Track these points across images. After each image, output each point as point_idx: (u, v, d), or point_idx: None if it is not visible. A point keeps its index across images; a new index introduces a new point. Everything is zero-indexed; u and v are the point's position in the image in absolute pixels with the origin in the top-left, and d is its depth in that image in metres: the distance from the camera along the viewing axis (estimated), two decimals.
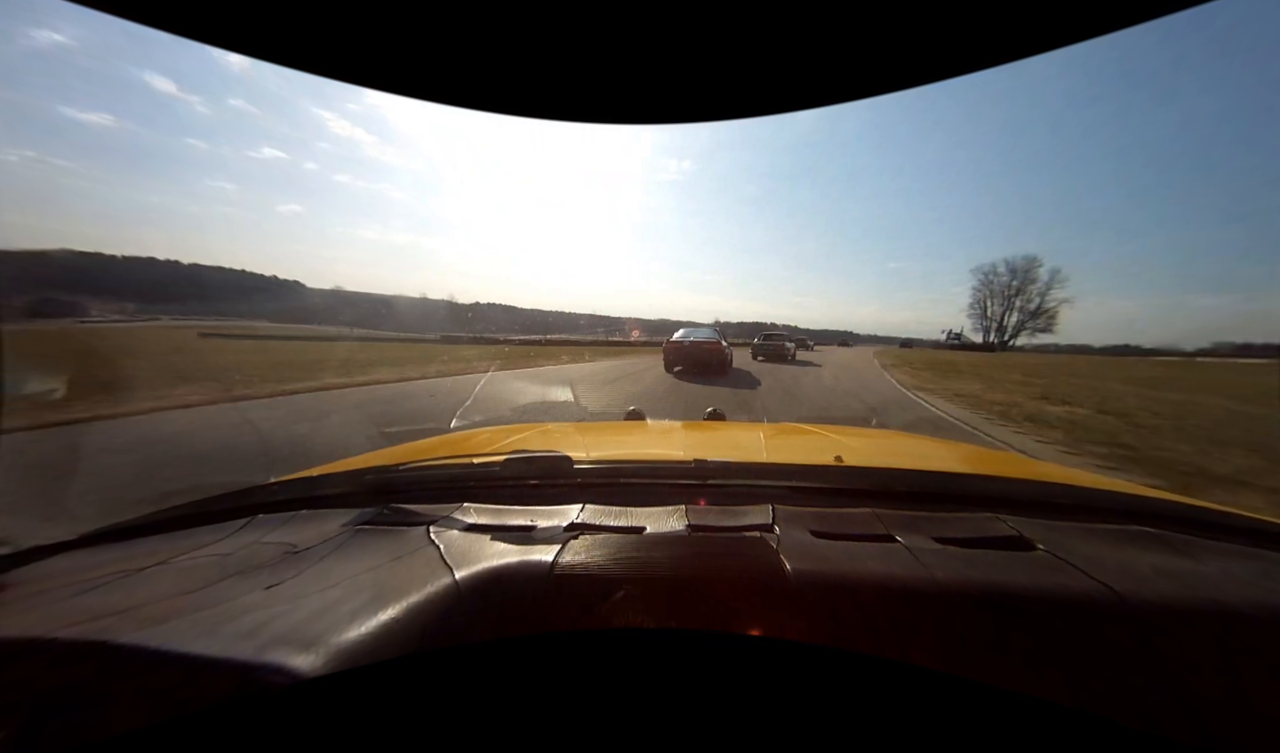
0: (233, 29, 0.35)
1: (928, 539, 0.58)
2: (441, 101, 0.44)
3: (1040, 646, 0.41)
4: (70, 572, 0.57)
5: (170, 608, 0.46)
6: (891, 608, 0.45)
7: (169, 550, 0.61)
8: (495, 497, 0.76)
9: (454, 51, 0.40)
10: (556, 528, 0.60)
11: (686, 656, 0.43)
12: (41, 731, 0.35)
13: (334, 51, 0.39)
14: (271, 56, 0.38)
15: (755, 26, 0.37)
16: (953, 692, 0.39)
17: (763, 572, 0.50)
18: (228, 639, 0.41)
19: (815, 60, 0.41)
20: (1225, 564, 0.56)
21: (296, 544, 0.61)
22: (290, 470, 0.94)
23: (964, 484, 0.84)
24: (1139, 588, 0.46)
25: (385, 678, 0.41)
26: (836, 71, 0.42)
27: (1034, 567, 0.52)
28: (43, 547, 0.63)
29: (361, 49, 0.39)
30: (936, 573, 0.49)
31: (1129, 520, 0.67)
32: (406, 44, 0.39)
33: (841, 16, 0.36)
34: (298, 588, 0.50)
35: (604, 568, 0.51)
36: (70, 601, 0.48)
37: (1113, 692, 0.37)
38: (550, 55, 0.40)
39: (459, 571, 0.51)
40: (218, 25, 0.35)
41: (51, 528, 0.66)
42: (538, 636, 0.44)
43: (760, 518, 0.63)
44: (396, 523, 0.66)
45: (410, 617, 0.45)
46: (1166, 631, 0.42)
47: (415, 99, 0.43)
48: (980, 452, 1.91)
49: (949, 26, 0.37)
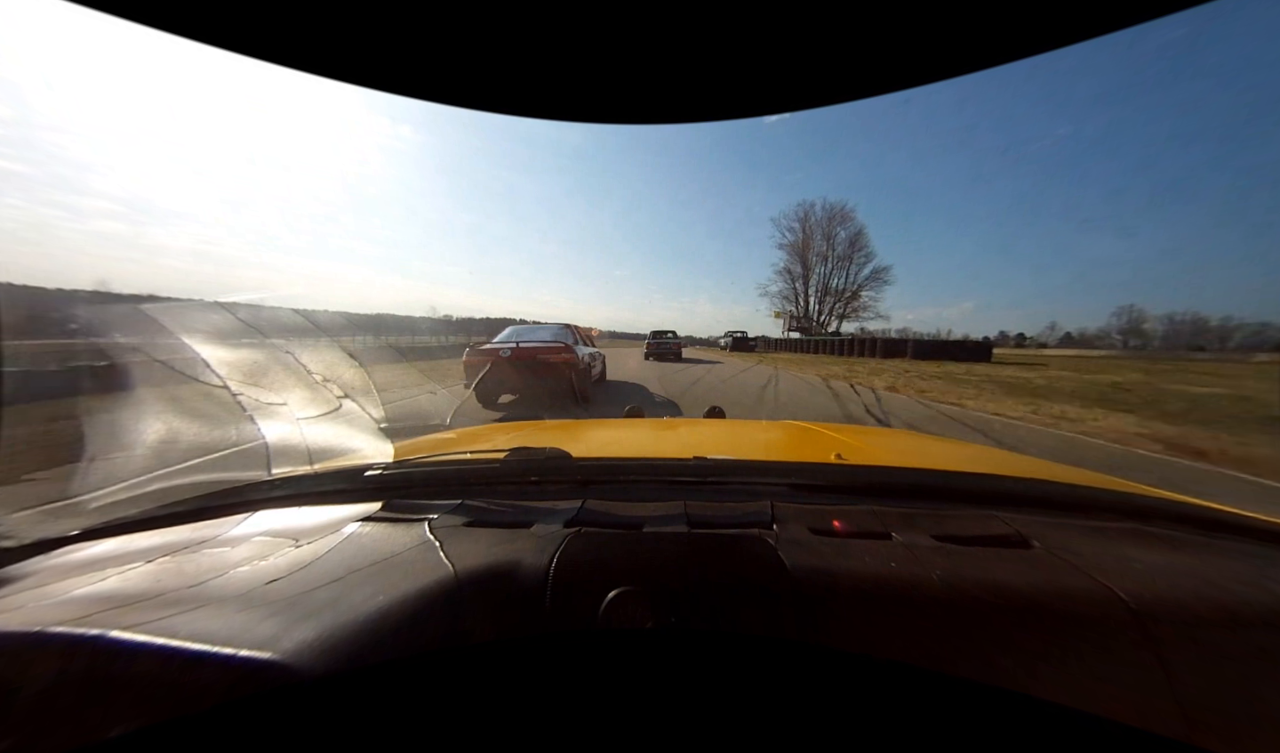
0: (233, 29, 0.36)
1: (926, 537, 0.58)
2: (441, 101, 0.44)
3: (1038, 644, 0.41)
4: (72, 567, 0.57)
5: (171, 604, 0.46)
6: (890, 606, 0.45)
7: (170, 545, 0.62)
8: (495, 493, 0.76)
9: (454, 51, 0.40)
10: (556, 525, 0.60)
11: (686, 654, 0.44)
12: (42, 729, 0.35)
13: (334, 51, 0.39)
14: (271, 56, 0.38)
15: (754, 26, 0.37)
16: (951, 691, 0.39)
17: (762, 569, 0.50)
18: (229, 636, 0.41)
19: (812, 60, 0.41)
20: (1224, 563, 0.56)
21: (298, 540, 0.61)
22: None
23: (963, 482, 0.84)
24: (1137, 586, 0.46)
25: (385, 677, 0.41)
26: (835, 71, 0.42)
27: (1032, 565, 0.52)
28: (45, 541, 0.63)
29: (361, 49, 0.39)
30: (935, 571, 0.49)
31: (1128, 518, 0.67)
32: (405, 44, 0.39)
33: (839, 16, 0.36)
34: (298, 584, 0.50)
35: (603, 565, 0.51)
36: (71, 596, 0.49)
37: (1111, 690, 0.37)
38: (550, 55, 0.40)
39: (458, 567, 0.51)
40: (218, 25, 0.35)
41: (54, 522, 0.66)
42: (537, 636, 0.44)
43: (759, 515, 0.63)
44: (396, 519, 0.67)
45: (410, 614, 0.45)
46: (1165, 629, 0.42)
47: (415, 99, 0.43)
48: (980, 450, 1.91)
49: (949, 26, 0.37)
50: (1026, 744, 0.37)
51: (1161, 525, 0.65)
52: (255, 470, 0.82)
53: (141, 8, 0.34)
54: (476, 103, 0.46)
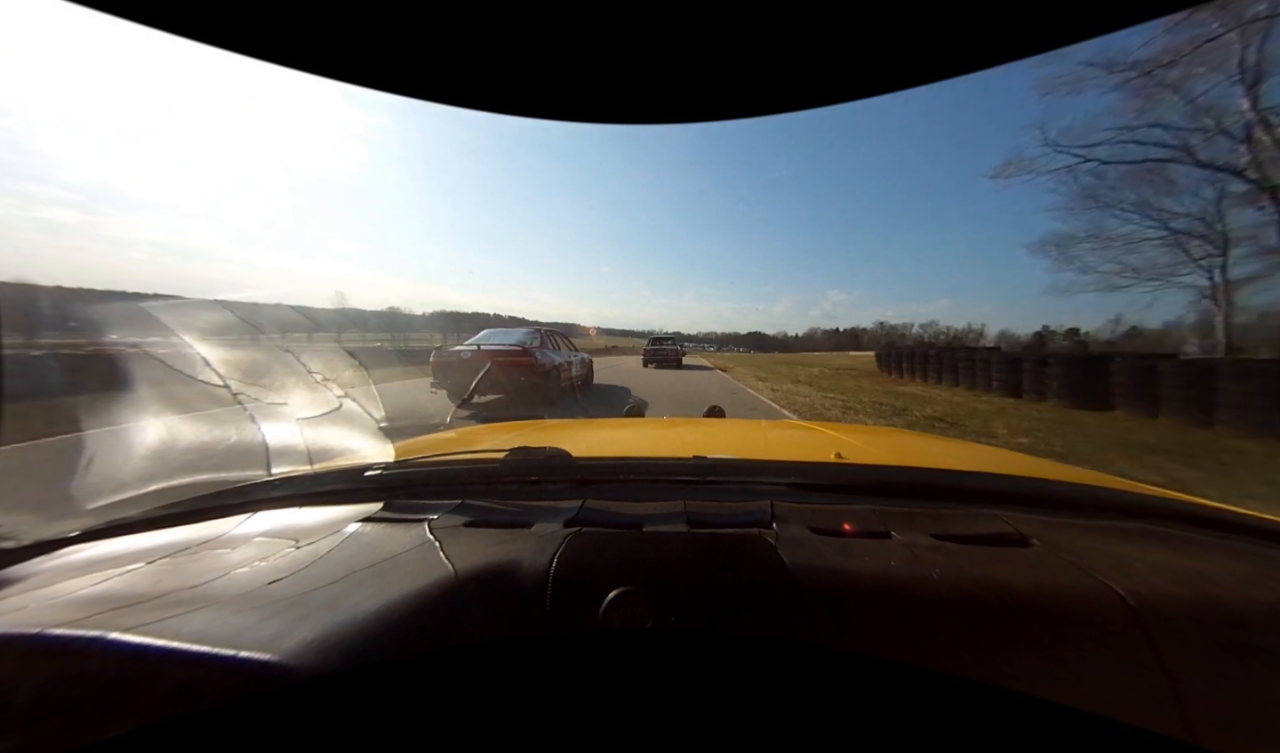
0: (233, 29, 0.35)
1: (926, 536, 0.58)
2: (441, 101, 0.44)
3: (1038, 643, 0.41)
4: (72, 567, 0.57)
5: (171, 605, 0.46)
6: (889, 605, 0.45)
7: (171, 546, 0.62)
8: (495, 493, 0.76)
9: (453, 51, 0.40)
10: (556, 525, 0.60)
11: (686, 654, 0.44)
12: (42, 729, 0.35)
13: (334, 51, 0.39)
14: (271, 56, 0.38)
15: (753, 26, 0.37)
16: (952, 690, 0.39)
17: (762, 569, 0.50)
18: (229, 637, 0.41)
19: (814, 60, 0.41)
20: (1224, 562, 0.56)
21: (298, 540, 0.61)
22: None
23: (963, 481, 0.84)
24: (1137, 585, 0.46)
25: (386, 678, 0.41)
26: (835, 71, 0.42)
27: (1031, 564, 0.52)
28: (45, 542, 0.63)
29: (361, 49, 0.39)
30: (934, 570, 0.49)
31: (1127, 517, 0.67)
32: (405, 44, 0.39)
33: (840, 16, 0.36)
34: (299, 585, 0.50)
35: (603, 565, 0.51)
36: (71, 596, 0.49)
37: (1111, 690, 0.37)
38: (550, 55, 0.40)
39: (459, 567, 0.51)
40: (218, 25, 0.35)
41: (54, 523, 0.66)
42: (538, 635, 0.44)
43: (759, 515, 0.63)
44: (397, 519, 0.67)
45: (411, 614, 0.45)
46: (1165, 628, 0.42)
47: (415, 99, 0.43)
48: (980, 449, 1.91)
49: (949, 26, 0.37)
50: (1026, 744, 0.37)
51: (1161, 525, 0.65)
52: (255, 471, 0.82)
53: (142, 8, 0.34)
54: (477, 103, 0.46)
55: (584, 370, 9.08)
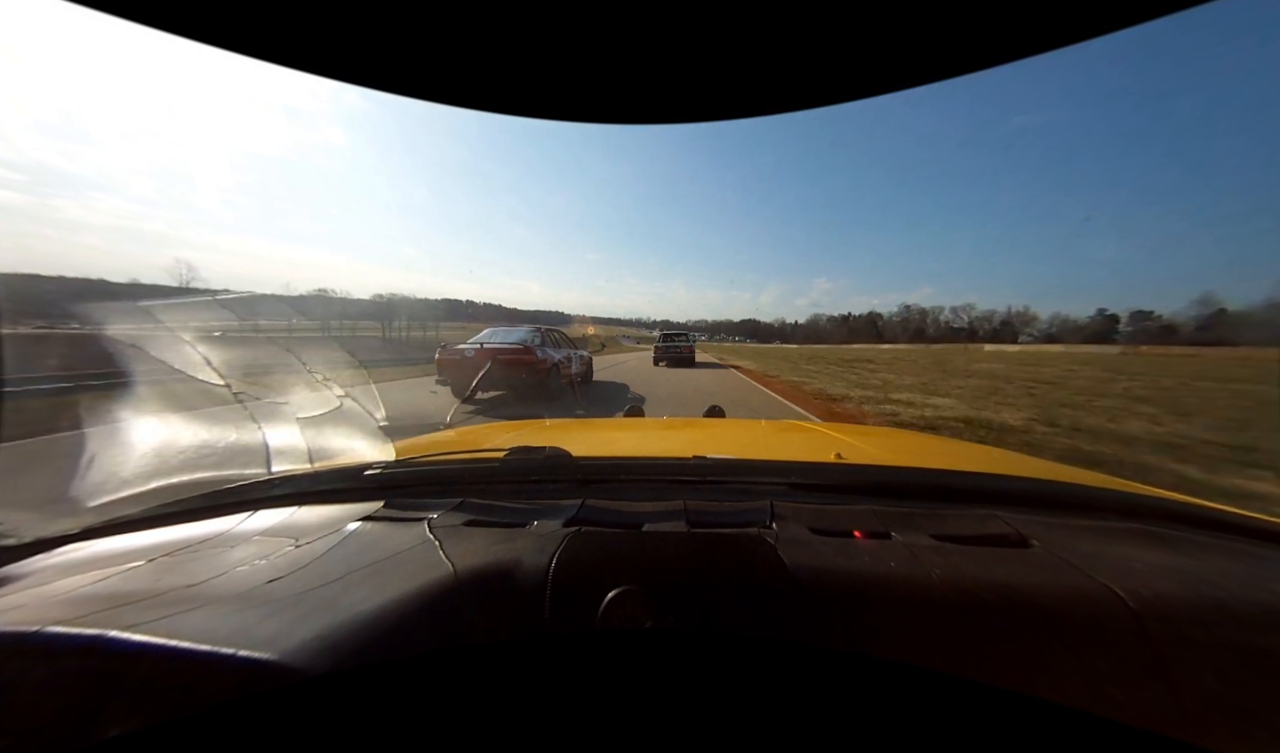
0: (233, 29, 0.36)
1: (925, 536, 0.58)
2: (441, 101, 0.44)
3: (1037, 643, 0.41)
4: (72, 566, 0.57)
5: (171, 603, 0.46)
6: (889, 605, 0.45)
7: (171, 545, 0.62)
8: (494, 493, 0.76)
9: (453, 51, 0.40)
10: (555, 524, 0.60)
11: (686, 654, 0.44)
12: (41, 729, 0.35)
13: (334, 51, 0.39)
14: (271, 56, 0.38)
15: (753, 26, 0.37)
16: (952, 690, 0.39)
17: (762, 568, 0.50)
18: (229, 636, 0.41)
19: (814, 60, 0.40)
20: (1224, 563, 0.56)
21: (298, 539, 0.61)
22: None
23: (963, 481, 0.84)
24: (1136, 586, 0.46)
25: (386, 677, 0.41)
26: (835, 71, 0.42)
27: (1031, 564, 0.52)
28: (45, 540, 0.63)
29: (360, 49, 0.39)
30: (933, 570, 0.49)
31: (1127, 518, 0.67)
32: (405, 44, 0.39)
33: (840, 16, 0.36)
34: (299, 584, 0.50)
35: (603, 564, 0.51)
36: (71, 595, 0.49)
37: (1111, 690, 0.37)
38: (549, 55, 0.40)
39: (458, 566, 0.51)
40: (218, 25, 0.35)
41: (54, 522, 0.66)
42: (537, 635, 0.44)
43: (759, 515, 0.63)
44: (396, 519, 0.67)
45: (410, 613, 0.45)
46: (1164, 629, 0.42)
47: (415, 99, 0.43)
48: (980, 450, 1.91)
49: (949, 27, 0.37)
50: (1026, 744, 0.37)
51: (1161, 525, 0.65)
52: (255, 469, 0.83)
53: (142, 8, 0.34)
54: (477, 103, 0.46)
55: (583, 367, 9.30)
